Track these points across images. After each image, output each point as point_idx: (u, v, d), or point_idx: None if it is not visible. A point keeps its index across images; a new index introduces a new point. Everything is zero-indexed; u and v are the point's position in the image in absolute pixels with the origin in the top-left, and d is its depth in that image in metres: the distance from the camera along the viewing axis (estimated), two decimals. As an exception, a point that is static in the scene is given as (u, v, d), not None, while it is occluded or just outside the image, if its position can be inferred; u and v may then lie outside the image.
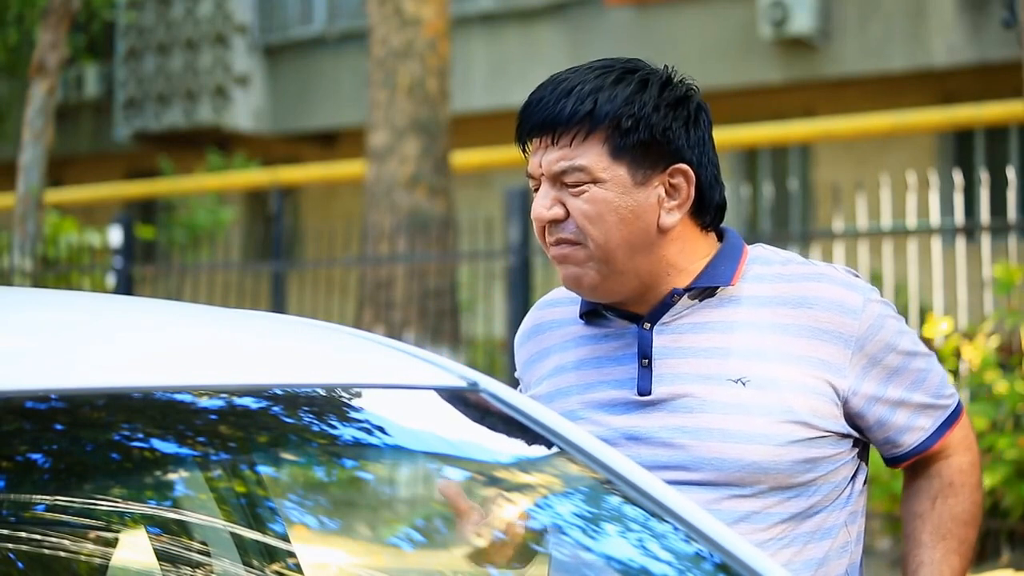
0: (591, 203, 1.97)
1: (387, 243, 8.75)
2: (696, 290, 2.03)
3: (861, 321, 2.00)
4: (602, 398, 2.03)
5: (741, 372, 1.98)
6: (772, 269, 2.05)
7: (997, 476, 6.08)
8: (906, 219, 7.61)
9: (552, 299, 2.19)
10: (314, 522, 1.91)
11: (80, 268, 10.10)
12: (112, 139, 16.39)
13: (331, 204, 15.06)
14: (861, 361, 2.01)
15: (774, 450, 1.96)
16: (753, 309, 2.02)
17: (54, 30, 9.73)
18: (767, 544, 1.97)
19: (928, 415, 2.07)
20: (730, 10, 12.56)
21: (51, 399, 1.51)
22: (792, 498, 1.99)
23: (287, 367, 1.76)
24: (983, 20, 11.38)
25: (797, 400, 1.97)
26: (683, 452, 1.98)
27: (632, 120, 1.97)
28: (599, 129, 1.97)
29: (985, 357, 6.43)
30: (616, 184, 1.98)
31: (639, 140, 1.97)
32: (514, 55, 13.76)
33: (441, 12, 9.02)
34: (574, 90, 1.99)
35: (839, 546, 2.04)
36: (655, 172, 1.99)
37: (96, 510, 1.63)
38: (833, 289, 2.02)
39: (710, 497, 1.97)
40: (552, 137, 1.99)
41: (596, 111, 1.97)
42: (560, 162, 1.99)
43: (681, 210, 2.01)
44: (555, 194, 2.00)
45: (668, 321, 2.03)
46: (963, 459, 2.10)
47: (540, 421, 1.80)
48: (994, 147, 11.79)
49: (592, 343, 2.08)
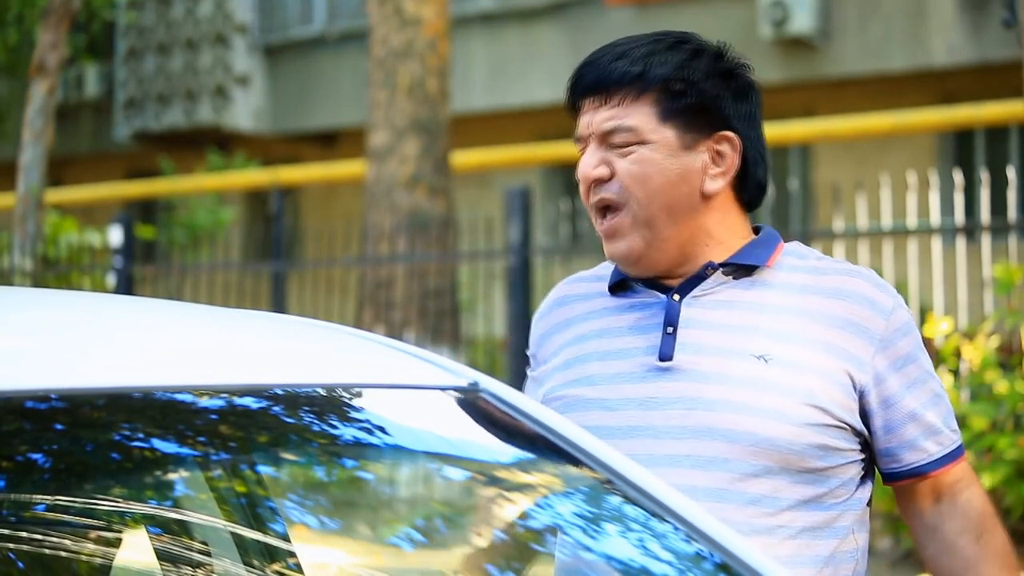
0: (638, 163, 2.01)
1: (387, 243, 8.75)
2: (730, 267, 2.05)
3: (889, 322, 2.01)
4: (621, 366, 2.04)
5: (765, 350, 1.99)
6: (806, 262, 2.08)
7: (997, 476, 6.08)
8: (906, 219, 7.61)
9: (579, 276, 2.21)
10: (314, 522, 1.91)
11: (80, 268, 10.10)
12: (112, 139, 16.39)
13: (331, 204, 15.07)
14: (883, 361, 2.01)
15: (789, 429, 1.95)
16: (783, 294, 2.03)
17: (54, 30, 9.73)
18: (775, 531, 1.96)
19: (935, 442, 2.05)
20: (730, 10, 12.57)
21: (51, 399, 1.51)
22: (801, 484, 1.97)
23: (287, 367, 1.76)
24: (983, 20, 11.38)
25: (817, 385, 1.97)
26: (697, 422, 1.97)
27: (682, 84, 2.01)
28: (649, 91, 2.01)
29: (985, 357, 6.43)
30: (663, 146, 2.01)
31: (688, 104, 2.01)
32: (514, 55, 13.76)
33: (441, 12, 9.02)
34: (627, 53, 2.03)
35: (848, 550, 2.02)
36: (702, 138, 2.02)
37: (96, 510, 1.63)
38: (866, 286, 2.03)
39: (721, 476, 1.96)
40: (603, 98, 2.02)
41: (647, 73, 2.01)
42: (609, 121, 2.02)
43: (724, 178, 2.04)
44: (602, 154, 2.03)
45: (698, 295, 2.04)
46: (976, 491, 2.08)
47: (540, 421, 1.80)
48: (994, 147, 11.79)
49: (617, 313, 2.09)
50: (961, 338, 6.65)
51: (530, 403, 1.85)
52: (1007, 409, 6.26)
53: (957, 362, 6.62)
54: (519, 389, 2.12)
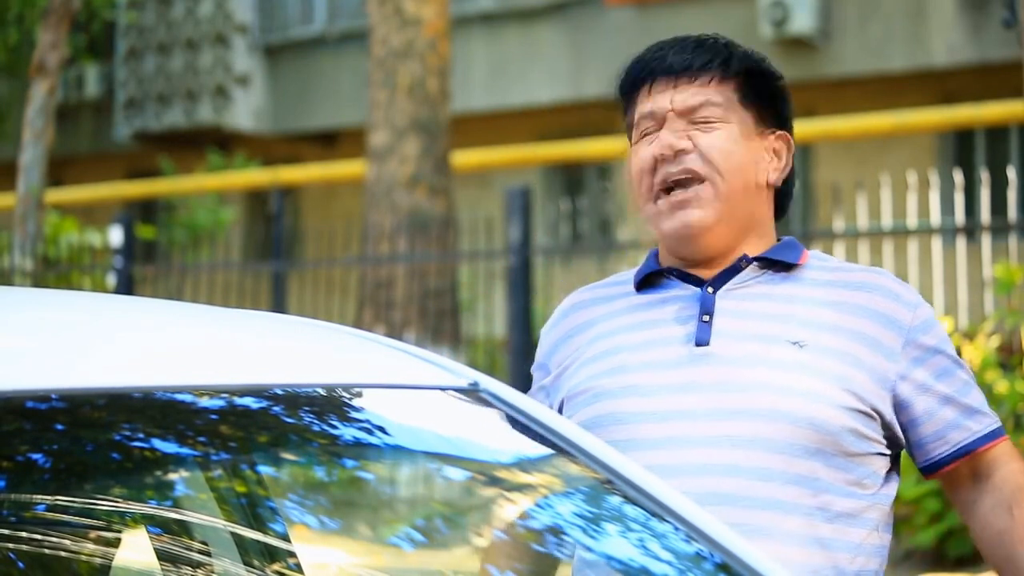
0: (723, 139, 2.08)
1: (387, 243, 8.75)
2: (764, 261, 2.10)
3: (915, 315, 2.07)
4: (656, 356, 2.06)
5: (799, 336, 2.03)
6: (830, 263, 2.15)
7: (997, 476, 6.08)
8: (906, 219, 7.61)
9: (591, 285, 2.24)
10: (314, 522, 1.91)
11: (80, 268, 10.10)
12: (112, 139, 16.39)
13: (331, 204, 15.06)
14: (912, 352, 2.05)
15: (828, 411, 1.99)
16: (813, 287, 2.09)
17: (54, 30, 9.74)
18: (816, 513, 1.99)
19: (977, 420, 2.07)
20: (730, 10, 12.57)
21: (51, 399, 1.51)
22: (836, 468, 2.00)
23: (287, 367, 1.76)
24: (983, 20, 11.38)
25: (851, 371, 2.02)
26: (736, 404, 2.00)
27: (761, 76, 2.11)
28: (733, 76, 2.10)
29: (985, 357, 6.43)
30: (742, 129, 2.09)
31: (764, 94, 2.11)
32: (514, 55, 13.76)
33: (441, 12, 9.02)
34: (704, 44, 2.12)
35: (876, 544, 2.05)
36: (766, 130, 2.11)
37: (97, 510, 1.63)
38: (891, 282, 2.10)
39: (763, 456, 1.98)
40: (690, 77, 2.09)
41: (732, 58, 2.10)
42: (697, 96, 2.08)
43: (780, 173, 2.13)
44: (683, 128, 2.08)
45: (732, 288, 2.09)
46: (1017, 465, 2.07)
47: (540, 421, 1.80)
48: (994, 147, 11.79)
49: (647, 308, 2.12)
50: (961, 338, 6.65)
51: (530, 403, 1.85)
52: (1007, 409, 6.26)
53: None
54: (519, 389, 2.12)
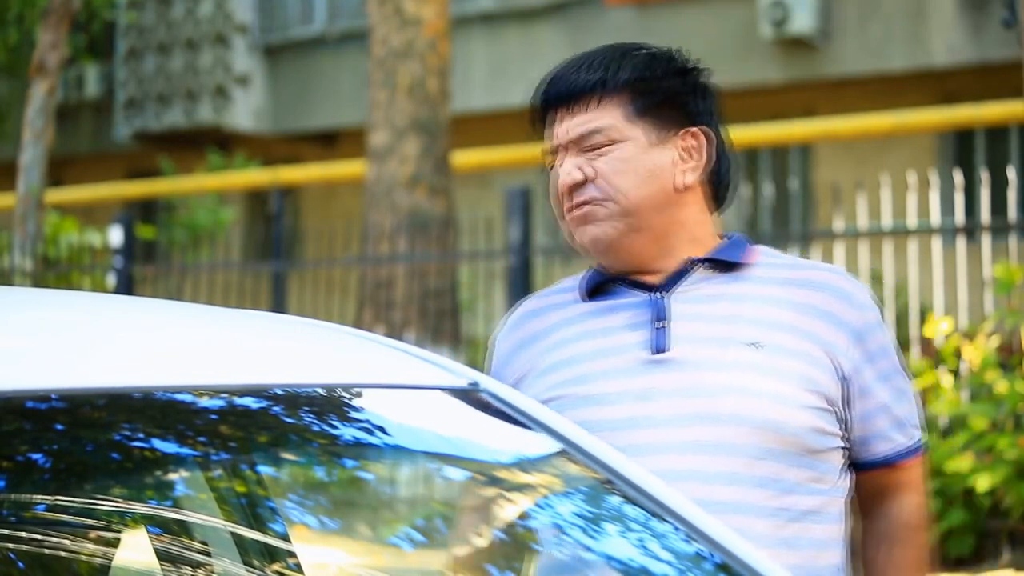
0: (615, 161, 2.08)
1: (387, 243, 8.75)
2: (712, 262, 2.10)
3: (863, 315, 2.09)
4: (614, 363, 2.07)
5: (756, 337, 2.05)
6: (781, 259, 2.16)
7: (997, 476, 6.08)
8: (906, 219, 7.61)
9: (545, 291, 2.24)
10: (314, 522, 1.91)
11: (80, 268, 10.10)
12: (112, 139, 16.39)
13: (331, 204, 15.06)
14: (858, 352, 2.08)
15: (790, 411, 2.01)
16: (765, 286, 2.10)
17: (54, 30, 9.74)
18: (780, 513, 2.01)
19: (902, 433, 2.13)
20: (730, 10, 12.56)
21: (51, 399, 1.51)
22: (799, 467, 2.02)
23: (287, 367, 1.76)
24: (983, 20, 11.38)
25: (808, 370, 2.04)
26: (699, 409, 2.01)
27: (645, 84, 2.10)
28: (615, 93, 2.09)
29: (985, 357, 6.43)
30: (635, 144, 2.09)
31: (653, 103, 2.10)
32: (514, 55, 13.76)
33: (441, 12, 9.02)
34: (588, 63, 2.12)
35: (838, 537, 2.08)
36: (669, 135, 2.11)
37: (96, 510, 1.63)
38: (840, 280, 2.12)
39: (729, 460, 1.99)
40: (572, 106, 2.10)
41: (610, 77, 2.10)
42: (581, 126, 2.10)
43: (696, 172, 2.12)
44: (577, 160, 2.10)
45: (682, 291, 2.09)
46: (915, 499, 2.16)
47: (540, 421, 1.80)
48: (994, 147, 11.79)
49: (600, 316, 2.12)
50: (961, 338, 6.65)
51: (530, 403, 1.85)
52: (1007, 409, 6.26)
53: (957, 362, 6.62)
54: (519, 389, 2.12)
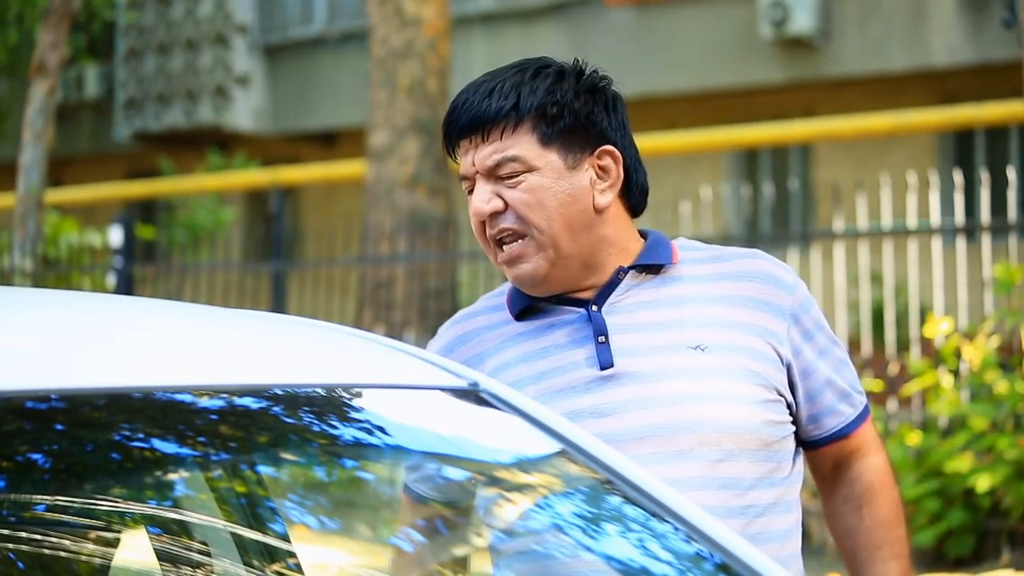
0: (529, 191, 2.05)
1: (387, 243, 8.76)
2: (640, 267, 2.09)
3: (795, 296, 2.10)
4: (561, 383, 2.05)
5: (698, 340, 2.05)
6: (702, 253, 2.15)
7: (997, 476, 6.08)
8: (906, 219, 7.61)
9: (469, 311, 2.20)
10: (314, 522, 1.91)
11: (80, 268, 10.10)
12: (112, 139, 16.39)
13: (331, 204, 15.06)
14: (796, 334, 2.09)
15: (745, 410, 2.02)
16: (697, 284, 2.10)
17: (54, 30, 9.74)
18: (746, 511, 2.02)
19: (848, 403, 2.14)
20: (730, 10, 12.56)
21: (51, 399, 1.51)
22: (758, 461, 2.04)
23: (287, 367, 1.76)
24: (983, 20, 11.38)
25: (754, 364, 2.04)
26: (656, 420, 2.01)
27: (556, 107, 2.06)
28: (526, 119, 2.05)
29: (985, 357, 6.43)
30: (549, 170, 2.05)
31: (565, 126, 2.06)
32: (514, 55, 13.65)
33: (441, 12, 9.02)
34: (495, 89, 2.07)
35: (795, 525, 2.10)
36: (584, 155, 2.07)
37: (96, 510, 1.63)
38: (768, 265, 2.12)
39: (692, 466, 2.00)
40: (482, 134, 2.06)
41: (521, 103, 2.05)
42: (493, 155, 2.06)
43: (613, 190, 2.09)
44: (491, 188, 2.07)
45: (616, 301, 2.08)
46: (878, 459, 2.17)
47: (540, 421, 1.80)
48: (994, 147, 11.79)
49: (536, 336, 2.10)
50: (961, 338, 6.65)
51: (530, 403, 1.85)
52: (1007, 409, 6.26)
53: (957, 362, 6.62)
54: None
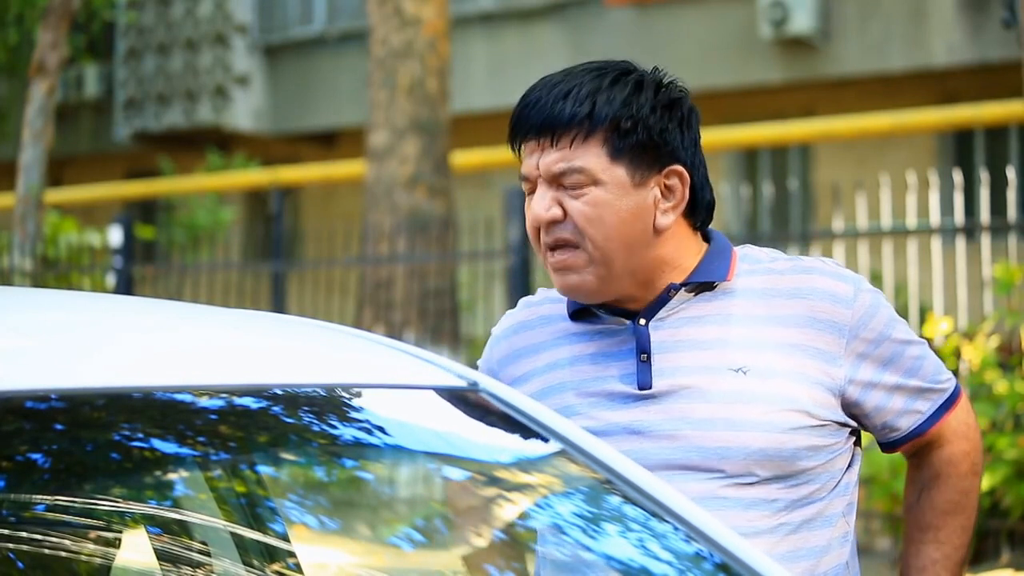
0: (591, 205, 1.99)
1: (387, 243, 8.75)
2: (692, 285, 2.05)
3: (854, 310, 2.04)
4: (600, 393, 2.04)
5: (741, 362, 2.00)
6: (762, 266, 2.08)
7: (997, 476, 6.08)
8: (906, 219, 7.61)
9: (538, 299, 2.19)
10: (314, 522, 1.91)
11: (80, 268, 10.09)
12: (112, 139, 16.38)
13: (331, 204, 15.06)
14: (856, 350, 2.04)
15: (778, 437, 1.98)
16: (748, 301, 2.05)
17: (54, 30, 9.73)
18: (776, 530, 1.99)
19: (926, 399, 2.09)
20: (730, 10, 12.56)
21: (51, 399, 1.51)
22: (794, 485, 2.01)
23: (287, 367, 1.76)
24: (983, 20, 11.37)
25: (797, 389, 2.00)
26: (688, 443, 1.99)
27: (631, 122, 1.99)
28: (598, 131, 1.99)
29: (985, 357, 6.43)
30: (615, 186, 2.00)
31: (637, 141, 2.00)
32: (514, 55, 13.75)
33: (441, 12, 9.02)
34: (571, 92, 2.00)
35: (840, 535, 2.06)
36: (651, 173, 2.01)
37: (96, 510, 1.63)
38: (824, 280, 2.05)
39: (716, 486, 1.98)
40: (552, 139, 2.00)
41: (595, 113, 1.99)
42: (559, 163, 2.00)
43: (676, 211, 2.04)
44: (553, 194, 2.01)
45: (664, 316, 2.05)
46: (955, 448, 2.12)
47: (540, 421, 1.80)
48: (994, 147, 11.79)
49: (586, 340, 2.09)
50: (961, 338, 6.64)
51: (530, 403, 1.85)
52: (1007, 409, 6.26)
53: (957, 362, 6.62)
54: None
